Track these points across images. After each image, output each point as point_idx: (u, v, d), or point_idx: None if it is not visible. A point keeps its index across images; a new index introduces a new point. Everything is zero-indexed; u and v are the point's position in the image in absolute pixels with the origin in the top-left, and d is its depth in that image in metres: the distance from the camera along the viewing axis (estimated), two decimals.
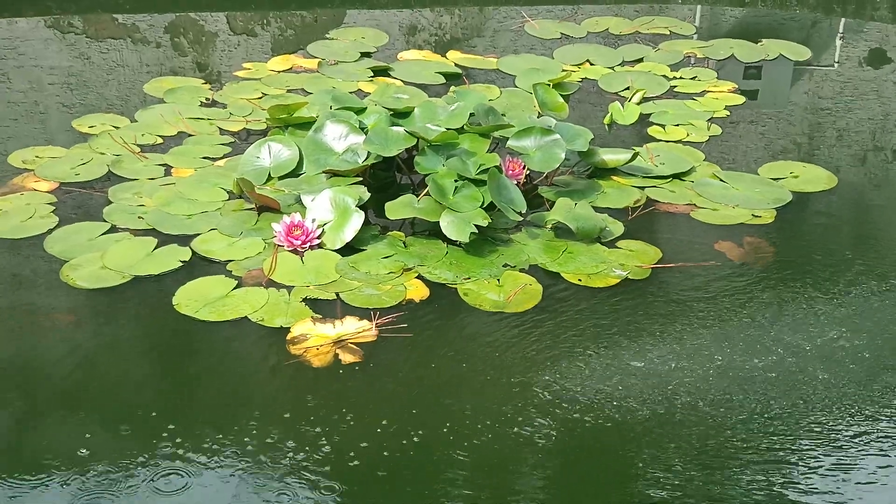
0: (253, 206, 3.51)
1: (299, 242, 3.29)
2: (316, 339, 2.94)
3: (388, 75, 4.69)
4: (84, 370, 2.86)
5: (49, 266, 3.24)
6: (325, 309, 3.07)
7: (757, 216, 3.63)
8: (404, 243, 3.36)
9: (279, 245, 3.30)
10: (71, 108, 4.35)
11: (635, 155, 3.81)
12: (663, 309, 3.13)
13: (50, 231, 3.41)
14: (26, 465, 2.50)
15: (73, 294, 3.12)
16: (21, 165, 3.82)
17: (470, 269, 3.26)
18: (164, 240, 3.36)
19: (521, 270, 3.28)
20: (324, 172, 3.53)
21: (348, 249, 3.30)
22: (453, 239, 3.30)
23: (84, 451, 2.54)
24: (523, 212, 3.41)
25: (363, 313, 3.04)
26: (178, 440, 2.58)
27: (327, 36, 5.10)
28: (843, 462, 2.57)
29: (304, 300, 3.09)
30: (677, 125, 4.28)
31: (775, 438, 2.64)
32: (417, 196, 3.42)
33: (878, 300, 3.20)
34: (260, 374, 2.85)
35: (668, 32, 5.32)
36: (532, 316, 3.09)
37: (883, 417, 2.71)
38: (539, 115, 3.95)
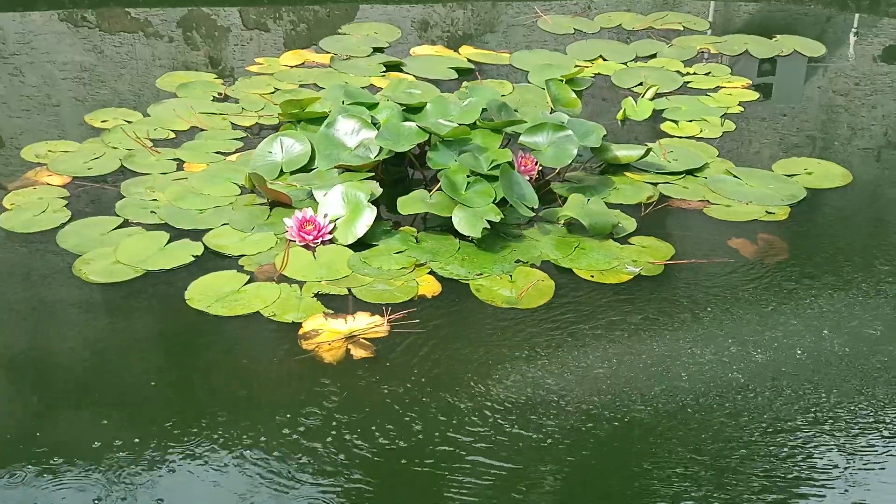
0: (265, 201, 3.51)
1: (311, 237, 3.28)
2: (328, 334, 2.94)
3: (401, 70, 4.68)
4: (97, 365, 2.87)
5: (62, 260, 3.25)
6: (337, 304, 3.07)
7: (771, 213, 3.62)
8: (416, 239, 3.36)
9: (291, 240, 3.30)
10: (83, 102, 4.35)
11: (648, 151, 3.80)
12: (676, 306, 3.12)
13: (63, 225, 3.42)
14: (39, 457, 2.50)
15: (86, 288, 3.13)
16: (34, 159, 3.83)
17: (482, 264, 3.25)
18: (177, 234, 3.37)
19: (534, 266, 3.27)
20: (336, 167, 3.53)
21: (360, 245, 3.30)
22: (465, 234, 3.30)
23: (96, 444, 2.54)
24: (535, 208, 3.40)
25: (375, 308, 3.04)
26: (190, 434, 2.58)
27: (340, 31, 5.10)
28: (856, 461, 2.56)
29: (316, 295, 3.09)
30: (691, 121, 4.26)
31: (789, 436, 2.63)
32: (429, 191, 3.42)
33: (894, 298, 3.18)
34: (272, 369, 2.85)
35: (682, 28, 5.30)
36: (544, 312, 3.08)
37: None
38: (552, 111, 3.94)
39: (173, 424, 2.62)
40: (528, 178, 3.50)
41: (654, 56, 4.94)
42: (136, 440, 2.56)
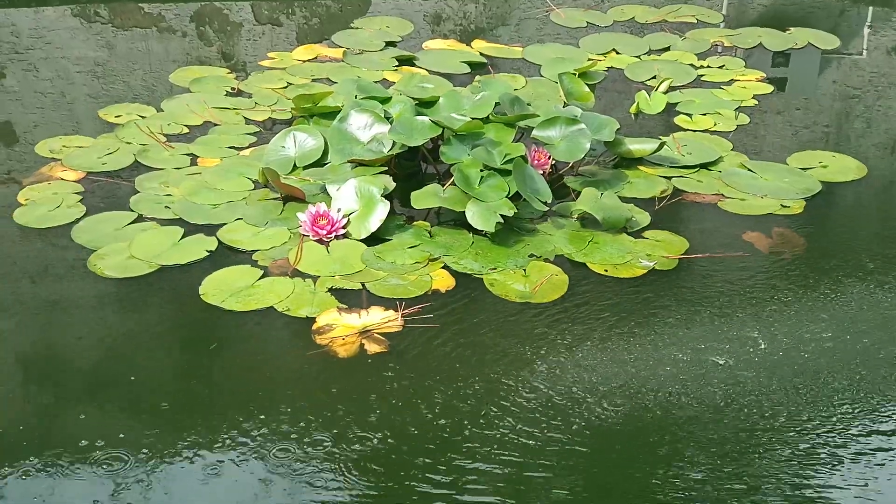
0: (278, 195, 3.51)
1: (325, 232, 3.29)
2: (342, 329, 2.94)
3: (413, 65, 4.68)
4: (111, 360, 2.87)
5: (76, 255, 3.26)
6: (351, 299, 3.07)
7: (786, 206, 3.60)
8: (430, 233, 3.36)
9: (305, 235, 3.31)
10: (97, 97, 4.36)
11: (662, 144, 3.79)
12: (690, 300, 3.11)
13: (77, 220, 3.43)
14: (53, 454, 2.51)
15: (101, 283, 3.14)
16: (48, 155, 3.84)
17: (496, 259, 3.25)
18: (191, 229, 3.37)
19: (547, 261, 3.26)
20: (349, 162, 3.53)
21: (374, 239, 3.30)
22: (479, 229, 3.30)
23: (110, 440, 2.55)
24: (549, 202, 3.40)
25: (389, 303, 3.04)
26: (205, 430, 2.59)
27: (352, 25, 5.09)
28: (873, 455, 2.55)
29: (330, 290, 3.10)
30: (704, 114, 4.25)
31: (803, 431, 2.62)
32: (443, 186, 3.42)
33: None
34: (286, 364, 2.85)
35: (695, 21, 5.27)
36: (558, 306, 3.08)
37: None
38: (565, 105, 3.92)
39: (186, 420, 2.62)
40: (541, 172, 3.49)
41: (667, 49, 4.92)
42: (149, 436, 2.57)
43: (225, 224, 3.40)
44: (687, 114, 4.25)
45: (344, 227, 3.31)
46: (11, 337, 2.96)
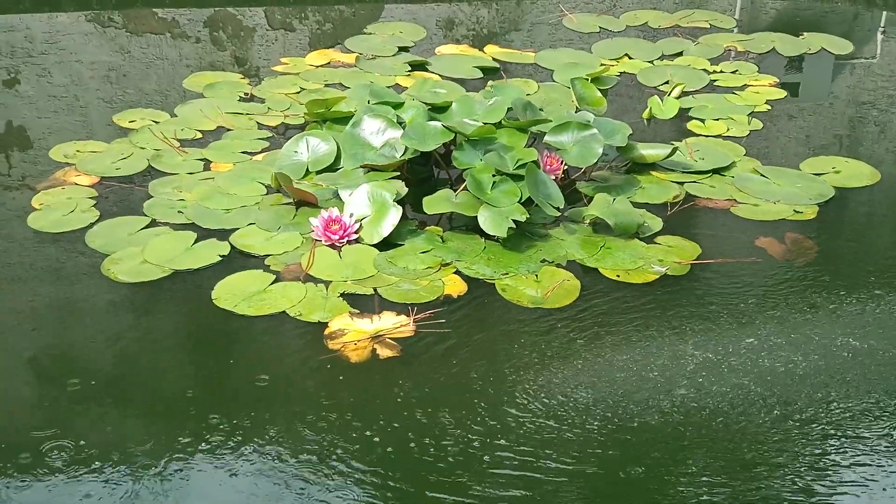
0: (291, 200, 3.52)
1: (337, 237, 3.29)
2: (353, 333, 2.94)
3: (426, 70, 4.68)
4: (124, 364, 2.88)
5: (90, 260, 3.27)
6: (363, 304, 3.07)
7: (799, 212, 3.59)
8: (442, 238, 3.36)
9: (317, 240, 3.31)
10: (111, 102, 4.38)
11: (674, 150, 3.79)
12: (703, 305, 3.11)
13: (91, 225, 3.44)
14: (65, 456, 2.52)
15: (114, 288, 3.15)
16: (62, 159, 3.85)
17: (508, 264, 3.25)
18: (204, 234, 3.38)
19: (559, 266, 3.26)
20: (361, 167, 3.54)
21: (386, 244, 3.30)
22: (491, 234, 3.30)
23: (120, 442, 2.56)
24: (561, 207, 3.40)
25: (401, 308, 3.05)
26: (216, 434, 2.59)
27: (365, 30, 5.10)
28: (879, 467, 2.54)
29: (342, 295, 3.10)
30: (717, 120, 4.24)
31: (815, 439, 2.61)
32: (455, 191, 3.42)
33: None
34: (297, 368, 2.86)
35: (708, 26, 5.27)
36: (570, 312, 3.07)
37: None
38: (577, 110, 3.93)
39: (198, 424, 2.63)
40: (553, 177, 3.49)
41: (680, 54, 4.91)
42: (161, 439, 2.58)
43: (238, 229, 3.41)
44: (700, 119, 4.25)
45: (356, 232, 3.32)
46: (26, 341, 2.97)
